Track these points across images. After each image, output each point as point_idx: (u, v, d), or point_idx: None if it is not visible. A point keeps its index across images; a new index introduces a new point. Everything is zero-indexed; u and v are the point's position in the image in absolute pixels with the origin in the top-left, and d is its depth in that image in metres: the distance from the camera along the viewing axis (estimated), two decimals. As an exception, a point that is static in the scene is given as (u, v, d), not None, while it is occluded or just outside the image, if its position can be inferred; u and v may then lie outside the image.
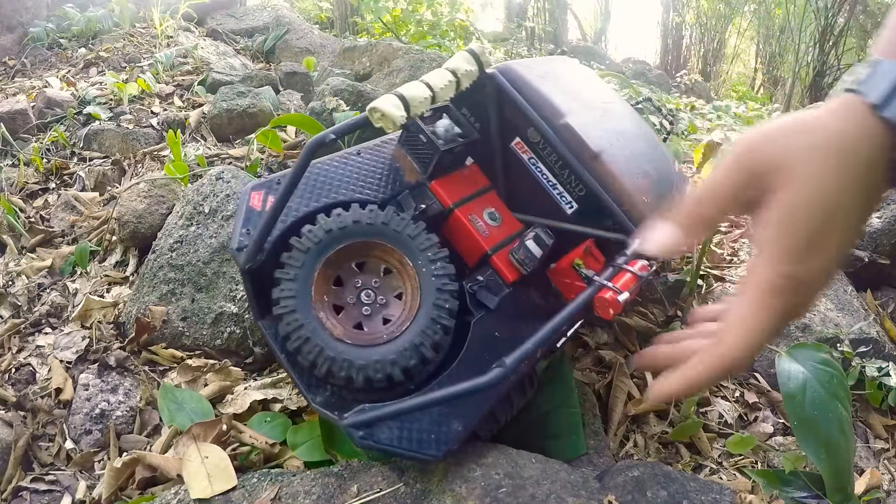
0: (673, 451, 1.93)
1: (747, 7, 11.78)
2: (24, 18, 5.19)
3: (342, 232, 1.15)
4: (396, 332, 1.14)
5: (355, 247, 1.17)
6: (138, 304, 2.28)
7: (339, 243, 1.14)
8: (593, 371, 2.13)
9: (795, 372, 1.75)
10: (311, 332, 1.10)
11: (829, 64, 8.05)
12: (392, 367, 1.11)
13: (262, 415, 1.88)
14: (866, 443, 2.11)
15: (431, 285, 1.14)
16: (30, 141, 3.50)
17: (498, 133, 1.35)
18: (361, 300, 1.18)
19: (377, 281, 1.19)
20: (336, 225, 1.15)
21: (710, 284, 2.48)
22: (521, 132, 1.33)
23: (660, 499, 1.49)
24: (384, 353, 1.11)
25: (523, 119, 1.30)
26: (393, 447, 1.14)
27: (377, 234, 1.16)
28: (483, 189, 1.40)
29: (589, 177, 1.25)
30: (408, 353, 1.11)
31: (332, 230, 1.14)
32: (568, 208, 1.31)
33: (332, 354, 1.10)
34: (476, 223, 1.35)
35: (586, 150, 1.26)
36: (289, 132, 3.36)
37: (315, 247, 1.13)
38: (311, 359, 1.12)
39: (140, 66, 4.47)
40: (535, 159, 1.31)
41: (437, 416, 1.15)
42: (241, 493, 1.52)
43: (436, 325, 1.14)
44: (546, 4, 11.31)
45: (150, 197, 2.61)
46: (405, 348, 1.12)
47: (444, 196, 1.35)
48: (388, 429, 1.13)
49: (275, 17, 6.08)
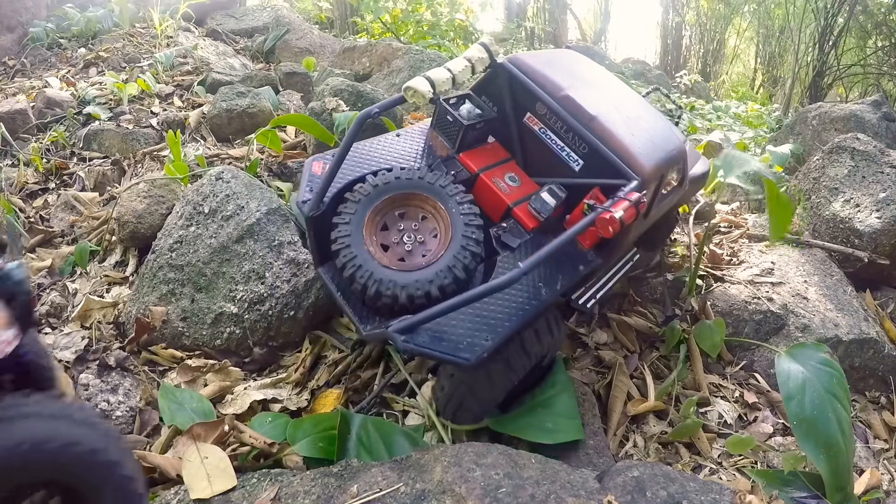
0: (672, 452, 1.92)
1: (747, 7, 11.79)
2: (23, 18, 5.20)
3: (387, 186, 1.43)
4: (433, 259, 1.39)
5: (398, 198, 1.44)
6: (138, 305, 2.28)
7: (385, 195, 1.42)
8: (593, 371, 2.13)
9: (795, 372, 1.75)
10: (363, 261, 1.37)
11: (828, 64, 8.05)
12: (430, 285, 1.36)
13: (262, 415, 1.88)
14: (866, 443, 2.11)
15: (460, 221, 1.42)
16: (30, 141, 3.50)
17: (512, 112, 1.63)
18: (403, 241, 1.45)
19: (416, 225, 1.47)
20: (382, 181, 1.43)
21: (709, 284, 2.48)
22: (530, 108, 1.60)
23: (659, 499, 1.49)
24: (423, 275, 1.37)
25: (531, 96, 1.58)
26: (431, 349, 1.32)
27: (415, 187, 1.44)
28: (503, 160, 1.66)
29: (589, 135, 1.52)
30: (443, 274, 1.37)
31: (379, 185, 1.43)
32: (575, 166, 1.57)
33: (380, 277, 1.36)
34: (498, 184, 1.61)
35: (584, 113, 1.54)
36: (288, 132, 3.36)
37: (365, 198, 1.42)
38: (363, 282, 1.37)
39: (140, 66, 4.47)
40: (544, 128, 1.59)
41: (469, 326, 1.34)
42: (241, 493, 1.52)
43: (465, 251, 1.40)
44: (546, 4, 11.33)
45: (150, 197, 2.61)
46: (441, 270, 1.37)
47: (471, 164, 1.65)
48: (427, 334, 1.31)
49: (275, 18, 6.08)
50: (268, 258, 2.18)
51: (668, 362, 2.19)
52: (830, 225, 2.73)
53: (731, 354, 2.28)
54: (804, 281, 2.51)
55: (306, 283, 2.15)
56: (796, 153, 4.16)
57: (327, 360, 2.11)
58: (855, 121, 4.17)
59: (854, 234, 2.64)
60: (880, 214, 2.60)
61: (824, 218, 2.76)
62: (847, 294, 2.50)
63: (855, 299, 2.50)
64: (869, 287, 2.68)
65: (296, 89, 4.06)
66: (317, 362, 2.12)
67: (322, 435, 1.71)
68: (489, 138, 1.70)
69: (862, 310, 2.45)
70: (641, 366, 2.15)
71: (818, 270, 2.58)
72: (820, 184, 2.85)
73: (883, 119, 4.28)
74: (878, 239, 2.59)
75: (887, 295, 2.70)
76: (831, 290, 2.48)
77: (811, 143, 4.29)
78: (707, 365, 2.21)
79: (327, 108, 3.05)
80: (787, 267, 2.58)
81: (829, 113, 4.36)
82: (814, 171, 2.94)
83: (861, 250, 2.61)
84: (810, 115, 4.50)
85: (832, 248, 2.69)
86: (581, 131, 1.53)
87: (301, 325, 2.16)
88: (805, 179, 2.98)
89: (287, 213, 2.33)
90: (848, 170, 2.81)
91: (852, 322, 2.33)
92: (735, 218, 3.00)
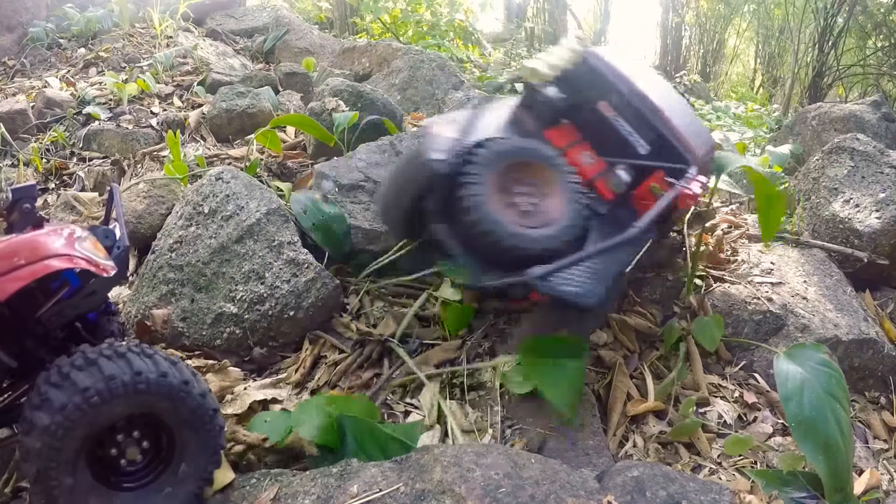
0: (672, 452, 1.93)
1: (746, 7, 11.78)
2: (23, 18, 5.19)
3: (508, 152, 1.63)
4: (550, 220, 1.61)
5: (516, 164, 1.64)
6: (138, 305, 2.28)
7: (506, 161, 1.61)
8: (593, 371, 2.13)
9: (794, 372, 1.75)
10: (493, 220, 1.54)
11: (828, 64, 8.05)
12: (553, 241, 1.58)
13: (262, 415, 1.89)
14: (865, 443, 2.11)
15: (569, 189, 1.65)
16: (29, 141, 3.50)
17: (588, 97, 1.84)
18: (522, 203, 1.63)
19: (531, 189, 1.65)
20: (504, 147, 1.63)
21: (709, 284, 2.48)
22: (605, 96, 1.83)
23: (659, 499, 1.49)
24: (545, 232, 1.59)
25: (607, 87, 1.82)
26: (563, 292, 1.56)
27: (532, 156, 1.66)
28: (578, 140, 1.88)
29: (656, 124, 1.77)
30: (562, 230, 1.59)
31: (501, 151, 1.63)
32: (641, 150, 1.80)
33: (509, 231, 1.55)
34: (580, 159, 1.83)
35: (652, 106, 1.79)
36: (288, 132, 3.36)
37: (490, 163, 1.59)
38: (492, 238, 1.54)
39: (139, 66, 4.47)
40: (615, 115, 1.81)
41: (588, 275, 1.60)
42: (241, 493, 1.52)
43: (578, 213, 1.63)
44: (546, 5, 11.32)
45: (150, 197, 2.62)
46: (563, 228, 1.60)
47: (556, 140, 1.84)
48: (560, 279, 1.54)
49: (274, 18, 6.08)
50: (268, 258, 2.18)
51: (668, 362, 2.19)
52: (830, 225, 2.74)
53: (731, 354, 2.28)
54: (804, 281, 2.51)
55: (306, 283, 2.15)
56: (796, 153, 4.16)
57: (327, 361, 2.11)
58: (855, 121, 4.17)
59: (854, 234, 2.65)
60: (880, 215, 2.60)
61: (824, 218, 2.76)
62: (847, 294, 2.50)
63: (854, 299, 2.50)
64: (868, 287, 2.68)
65: (296, 89, 4.06)
66: (317, 362, 2.13)
67: (326, 422, 1.71)
68: (563, 120, 1.94)
69: (861, 310, 2.46)
70: (641, 366, 2.15)
71: (818, 271, 2.58)
72: (819, 184, 2.85)
73: (883, 119, 4.29)
74: (878, 239, 2.59)
75: (887, 295, 2.70)
76: (831, 291, 2.48)
77: (811, 144, 4.29)
78: (707, 365, 2.21)
79: (327, 108, 3.05)
80: (787, 267, 2.58)
81: (828, 113, 4.36)
82: (813, 171, 2.94)
83: (861, 250, 2.62)
84: (810, 115, 4.51)
85: (832, 249, 2.69)
86: (651, 120, 1.78)
87: (301, 325, 2.16)
88: (804, 180, 2.98)
89: (287, 214, 2.33)
90: (847, 170, 2.81)
91: (852, 322, 2.33)
92: (734, 218, 3.00)
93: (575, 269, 1.58)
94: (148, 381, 1.32)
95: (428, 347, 2.15)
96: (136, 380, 1.30)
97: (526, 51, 8.44)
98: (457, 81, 4.39)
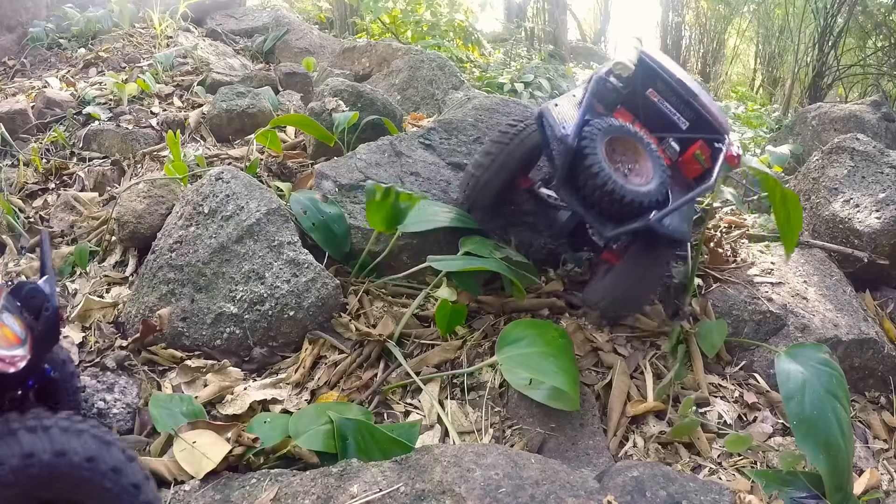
0: (672, 452, 1.92)
1: (747, 8, 11.78)
2: (23, 18, 5.19)
3: (609, 129, 2.00)
4: (646, 182, 1.99)
5: (615, 139, 2.02)
6: (138, 305, 2.28)
7: (609, 136, 1.99)
8: (593, 371, 2.13)
9: (794, 372, 1.75)
10: (613, 181, 1.91)
11: (828, 64, 8.05)
12: (657, 193, 1.96)
13: (261, 416, 1.89)
14: (866, 443, 2.11)
15: (654, 156, 2.04)
16: (29, 141, 3.50)
17: (640, 86, 2.25)
18: (622, 168, 2.02)
19: (625, 157, 2.05)
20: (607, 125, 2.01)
21: (709, 285, 2.48)
22: (652, 84, 2.25)
23: (659, 499, 1.49)
24: (647, 189, 1.96)
25: (655, 77, 2.24)
26: (673, 231, 2.00)
27: (625, 133, 2.04)
28: (633, 120, 2.24)
29: (695, 103, 2.19)
30: (658, 189, 1.97)
31: (606, 128, 1.99)
32: (683, 126, 2.23)
33: (630, 189, 1.92)
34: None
35: (690, 91, 2.21)
36: (288, 132, 3.36)
37: (599, 135, 1.96)
38: (617, 196, 1.90)
39: (139, 66, 4.47)
40: (661, 99, 2.24)
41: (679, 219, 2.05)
42: (241, 493, 1.52)
43: (663, 177, 2.00)
44: (546, 5, 11.31)
45: (150, 197, 2.61)
46: (659, 185, 1.98)
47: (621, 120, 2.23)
48: (670, 220, 1.99)
49: (274, 18, 6.08)
50: (268, 258, 2.18)
51: (668, 362, 2.19)
52: (830, 225, 2.74)
53: (731, 354, 2.28)
54: (804, 281, 2.51)
55: (306, 283, 2.15)
56: (796, 153, 4.17)
57: (327, 361, 2.11)
58: (854, 121, 4.17)
59: (854, 234, 2.65)
60: (880, 215, 2.60)
61: (824, 218, 2.76)
62: (847, 294, 2.50)
63: (854, 299, 2.50)
64: (868, 287, 2.68)
65: (295, 89, 4.06)
66: (317, 363, 2.12)
67: (324, 429, 1.71)
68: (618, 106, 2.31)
69: (861, 310, 2.46)
70: (641, 366, 2.15)
71: (818, 271, 2.58)
72: (819, 184, 2.85)
73: (882, 119, 4.29)
74: (878, 239, 2.59)
75: (887, 295, 2.70)
76: (831, 291, 2.48)
77: (811, 144, 4.30)
78: (707, 365, 2.21)
79: (327, 108, 3.05)
80: (787, 267, 2.58)
81: (828, 113, 4.36)
82: (813, 171, 2.94)
83: (861, 250, 2.61)
84: (810, 115, 4.51)
85: (832, 249, 2.69)
86: (690, 101, 2.20)
87: (301, 325, 2.16)
88: (804, 180, 2.98)
89: (287, 214, 2.33)
90: (847, 170, 2.81)
91: (852, 322, 2.33)
92: (735, 218, 3.00)
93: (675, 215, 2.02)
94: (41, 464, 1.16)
95: (428, 347, 2.15)
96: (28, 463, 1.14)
97: (526, 51, 8.43)
98: (457, 81, 4.39)
